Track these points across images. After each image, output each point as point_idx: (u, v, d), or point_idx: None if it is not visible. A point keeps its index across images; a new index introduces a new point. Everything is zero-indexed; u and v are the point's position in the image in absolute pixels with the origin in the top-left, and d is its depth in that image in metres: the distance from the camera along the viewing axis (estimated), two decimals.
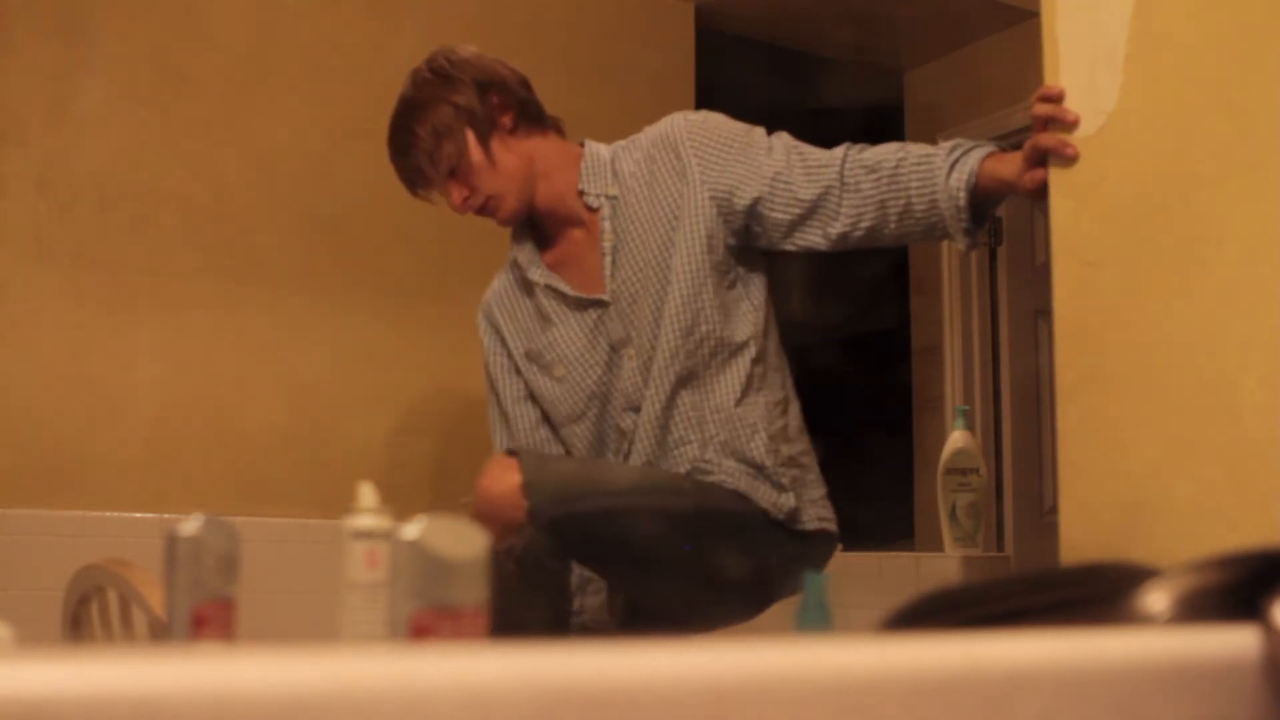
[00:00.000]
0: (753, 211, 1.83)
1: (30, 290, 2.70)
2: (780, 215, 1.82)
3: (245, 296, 2.89)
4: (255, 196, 2.92)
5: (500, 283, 2.05)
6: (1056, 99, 1.48)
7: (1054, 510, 2.26)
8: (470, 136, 1.88)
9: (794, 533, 1.86)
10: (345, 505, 0.98)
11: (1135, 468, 1.38)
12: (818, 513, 1.88)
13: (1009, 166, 1.63)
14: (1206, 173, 1.34)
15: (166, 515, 2.57)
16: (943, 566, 2.72)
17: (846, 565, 1.95)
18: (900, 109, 4.24)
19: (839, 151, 1.82)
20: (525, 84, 1.95)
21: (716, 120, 1.90)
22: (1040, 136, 1.51)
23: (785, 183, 1.81)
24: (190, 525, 0.99)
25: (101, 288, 2.75)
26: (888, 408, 4.20)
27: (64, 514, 2.63)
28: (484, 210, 1.92)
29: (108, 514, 2.66)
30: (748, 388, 1.85)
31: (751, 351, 1.86)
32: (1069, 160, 1.47)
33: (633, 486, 1.79)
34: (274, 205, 2.94)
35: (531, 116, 1.93)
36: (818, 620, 1.35)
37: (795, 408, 1.94)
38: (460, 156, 1.88)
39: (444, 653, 0.67)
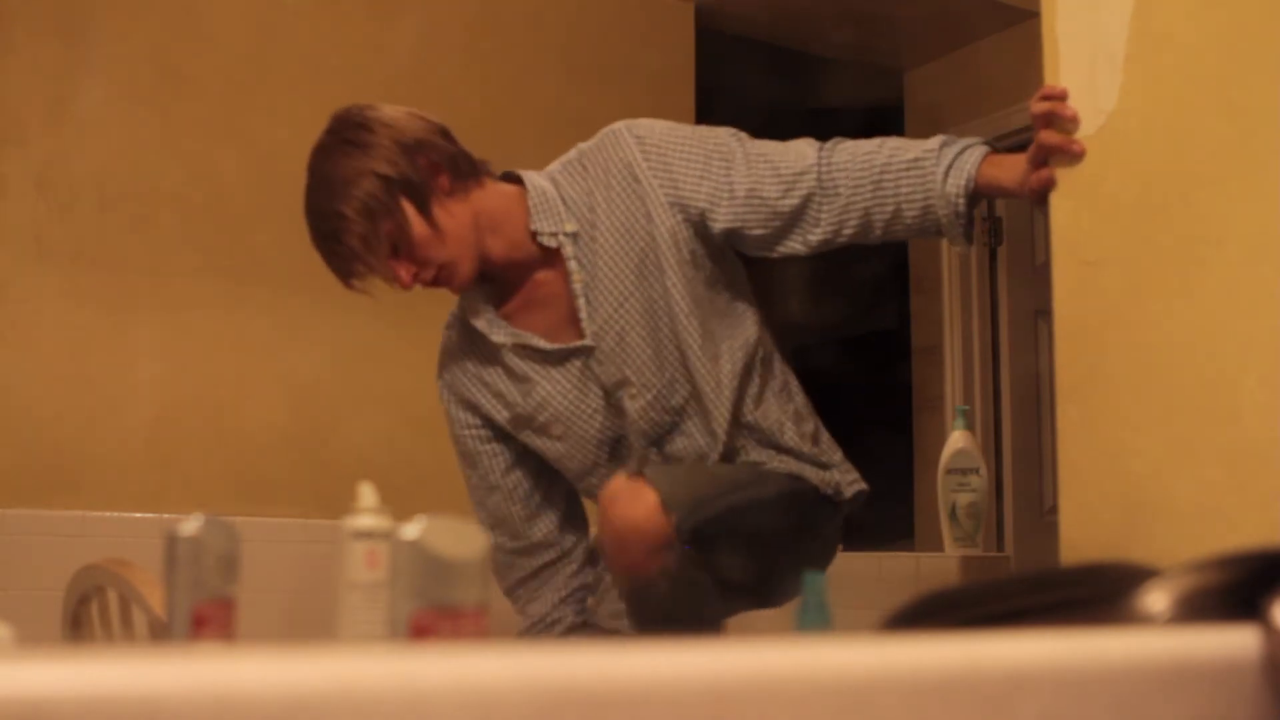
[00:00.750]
0: (729, 233, 1.75)
1: (30, 290, 2.70)
2: (760, 231, 1.74)
3: (245, 296, 2.89)
4: (255, 196, 2.92)
5: (456, 350, 1.88)
6: (1058, 98, 1.47)
7: (1054, 510, 2.26)
8: (409, 208, 1.68)
9: (837, 505, 1.87)
10: (345, 505, 0.98)
11: (1135, 468, 1.38)
12: (848, 479, 1.88)
13: (1009, 173, 1.59)
14: (1206, 173, 1.34)
15: (166, 515, 2.57)
16: (943, 566, 2.72)
17: (846, 565, 1.95)
18: (900, 109, 4.24)
19: (810, 154, 1.73)
20: (447, 134, 1.76)
21: (663, 131, 1.78)
22: (1044, 134, 1.48)
23: (760, 198, 1.72)
24: (190, 525, 0.99)
25: (101, 288, 2.75)
26: (888, 408, 4.21)
27: (64, 514, 2.63)
28: (436, 282, 1.75)
29: (108, 514, 2.66)
30: (763, 385, 1.82)
31: (760, 351, 1.83)
32: (1075, 158, 1.46)
33: (740, 482, 1.76)
34: (274, 205, 2.93)
35: (465, 170, 1.74)
36: (818, 620, 1.35)
37: (795, 384, 1.90)
38: (401, 233, 1.67)
39: (444, 653, 0.67)
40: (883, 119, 4.19)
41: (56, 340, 2.71)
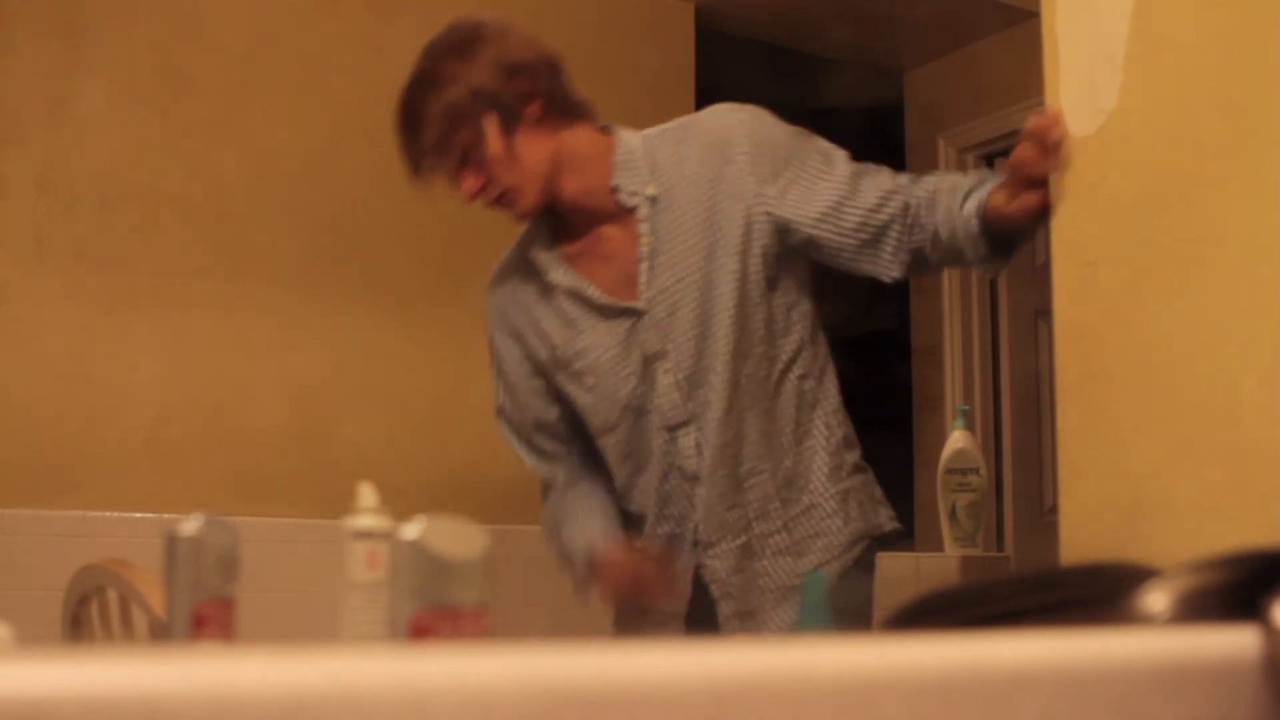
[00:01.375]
0: (810, 241, 1.76)
1: (30, 290, 2.70)
2: (844, 241, 1.75)
3: (245, 296, 2.89)
4: (255, 196, 2.92)
5: (512, 278, 1.89)
6: (1051, 121, 1.48)
7: (1054, 510, 2.26)
8: (491, 125, 1.71)
9: (878, 539, 1.87)
10: (345, 505, 0.98)
11: (1135, 468, 1.38)
12: (888, 513, 1.87)
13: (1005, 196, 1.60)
14: (1206, 173, 1.34)
15: (166, 515, 2.57)
16: (943, 566, 2.72)
17: None
18: (900, 109, 4.24)
19: (901, 179, 1.76)
20: (555, 67, 1.80)
21: (768, 126, 1.80)
22: (1029, 124, 1.48)
23: (849, 209, 1.74)
24: (190, 525, 0.99)
25: (101, 288, 2.75)
26: (888, 408, 4.20)
27: (64, 514, 2.63)
28: (499, 203, 1.77)
29: (108, 514, 2.66)
30: (802, 404, 1.81)
31: (801, 366, 1.81)
32: (1053, 138, 1.46)
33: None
34: (274, 205, 2.94)
35: (560, 107, 1.78)
36: (818, 620, 1.35)
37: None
38: (476, 145, 1.71)
39: (444, 653, 0.67)
40: (883, 119, 4.19)
41: (56, 340, 2.71)
